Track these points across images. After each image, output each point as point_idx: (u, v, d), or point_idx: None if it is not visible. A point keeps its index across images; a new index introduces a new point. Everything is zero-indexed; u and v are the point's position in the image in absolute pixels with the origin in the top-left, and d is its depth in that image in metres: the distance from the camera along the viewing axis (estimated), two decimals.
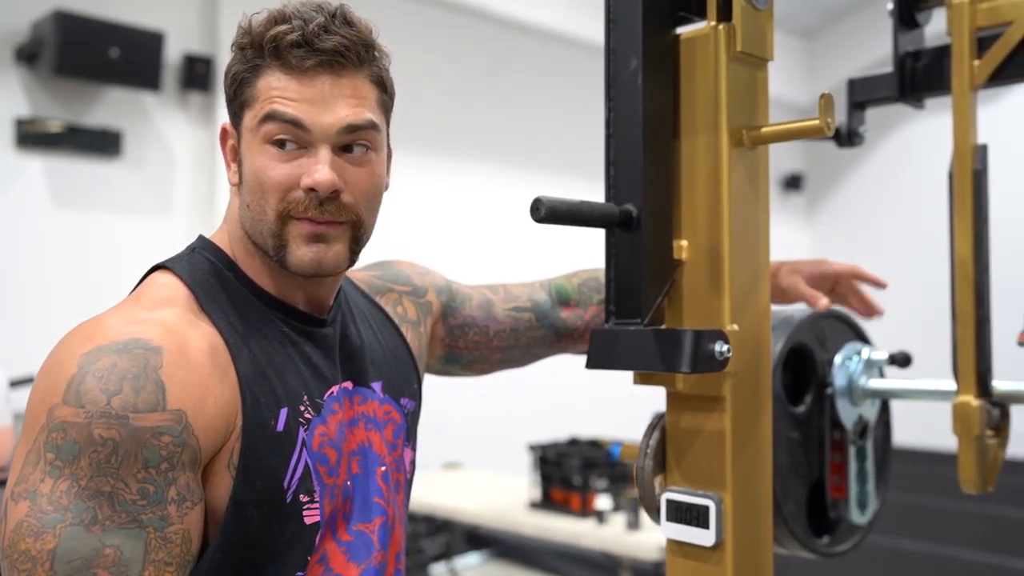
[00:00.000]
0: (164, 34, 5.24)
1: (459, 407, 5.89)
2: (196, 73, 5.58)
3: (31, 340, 4.74)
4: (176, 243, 5.13)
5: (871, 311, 1.30)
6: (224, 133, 1.05)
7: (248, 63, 0.98)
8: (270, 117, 0.96)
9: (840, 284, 1.29)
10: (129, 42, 5.07)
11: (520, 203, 6.60)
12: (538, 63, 7.92)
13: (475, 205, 7.36)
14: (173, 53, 5.51)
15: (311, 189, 0.97)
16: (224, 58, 5.62)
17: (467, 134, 7.33)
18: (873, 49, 9.51)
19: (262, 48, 0.97)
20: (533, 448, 4.42)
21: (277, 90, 0.96)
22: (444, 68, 7.05)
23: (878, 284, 1.30)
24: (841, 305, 1.35)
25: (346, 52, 0.97)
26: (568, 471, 4.16)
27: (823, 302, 1.23)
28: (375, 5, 1.02)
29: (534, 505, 4.25)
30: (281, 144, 0.97)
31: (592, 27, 7.56)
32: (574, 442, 4.74)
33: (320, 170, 0.96)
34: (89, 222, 5.27)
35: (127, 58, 5.06)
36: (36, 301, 5.01)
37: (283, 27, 0.96)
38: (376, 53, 1.01)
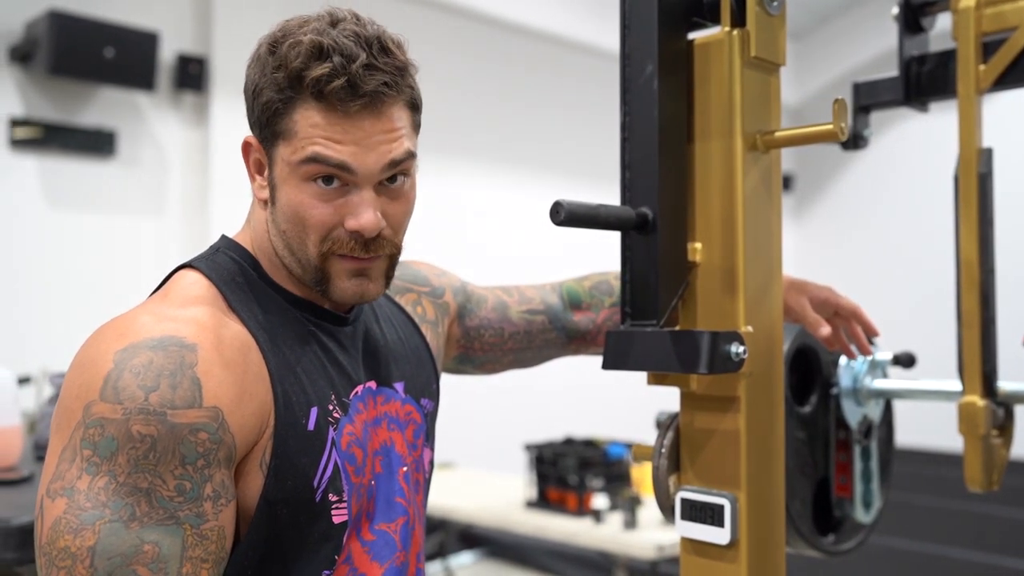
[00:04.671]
0: (158, 34, 5.24)
1: (454, 407, 5.88)
2: (190, 73, 5.57)
3: (25, 340, 4.74)
4: (169, 243, 5.12)
5: (851, 353, 1.31)
6: (248, 147, 1.02)
7: (281, 93, 0.95)
8: (314, 160, 0.94)
9: (838, 316, 1.30)
10: (123, 42, 5.05)
11: (531, 205, 6.57)
12: (553, 68, 8.01)
13: (487, 207, 7.41)
14: (167, 53, 5.50)
15: (356, 232, 0.97)
16: (218, 58, 5.68)
17: (481, 138, 7.37)
18: (862, 50, 9.56)
19: (299, 82, 0.94)
20: (529, 447, 4.43)
21: (318, 129, 0.94)
22: (459, 73, 7.08)
23: (872, 332, 1.31)
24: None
25: (385, 90, 0.95)
26: (564, 470, 4.17)
27: (825, 330, 1.24)
28: (393, 14, 1.02)
29: (530, 504, 4.26)
30: (325, 180, 0.96)
31: (605, 34, 7.63)
32: (569, 441, 4.75)
33: (365, 213, 0.96)
34: (83, 222, 5.25)
35: (121, 58, 5.05)
36: (30, 301, 5.00)
37: (325, 67, 0.92)
38: (410, 75, 1.00)
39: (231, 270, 1.02)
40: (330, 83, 0.92)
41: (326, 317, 1.05)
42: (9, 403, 1.82)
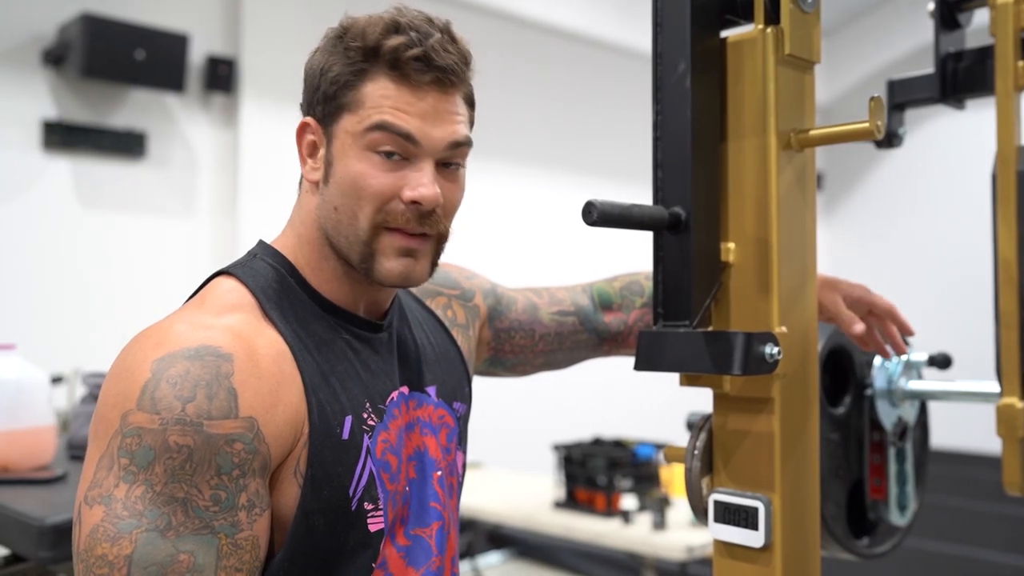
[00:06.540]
0: (188, 36, 5.28)
1: (482, 407, 5.89)
2: (219, 74, 5.62)
3: (57, 339, 4.79)
4: (199, 243, 5.16)
5: (885, 353, 1.29)
6: (304, 128, 1.03)
7: (353, 66, 0.98)
8: (381, 127, 0.96)
9: (873, 315, 1.28)
10: (154, 44, 5.11)
11: (563, 205, 6.55)
12: (584, 68, 8.03)
13: (519, 207, 7.44)
14: (196, 55, 5.55)
15: (414, 202, 0.98)
16: (247, 59, 5.72)
17: (514, 138, 7.38)
18: (892, 48, 9.48)
19: (375, 54, 0.97)
20: (558, 448, 4.43)
21: (388, 99, 0.97)
22: (491, 74, 7.10)
23: (908, 331, 1.28)
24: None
25: (455, 70, 0.99)
26: (593, 471, 4.16)
27: (859, 327, 1.21)
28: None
29: (559, 504, 4.26)
30: (387, 154, 0.97)
31: (635, 34, 7.62)
32: (598, 442, 4.74)
33: (426, 184, 0.98)
34: (114, 222, 5.31)
35: (152, 60, 5.10)
36: (62, 301, 5.06)
37: (403, 39, 0.96)
38: (471, 71, 1.03)
39: (268, 276, 1.02)
40: (407, 51, 0.96)
41: (361, 324, 1.06)
42: (42, 403, 1.84)
